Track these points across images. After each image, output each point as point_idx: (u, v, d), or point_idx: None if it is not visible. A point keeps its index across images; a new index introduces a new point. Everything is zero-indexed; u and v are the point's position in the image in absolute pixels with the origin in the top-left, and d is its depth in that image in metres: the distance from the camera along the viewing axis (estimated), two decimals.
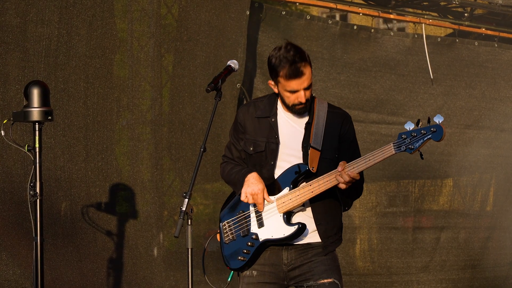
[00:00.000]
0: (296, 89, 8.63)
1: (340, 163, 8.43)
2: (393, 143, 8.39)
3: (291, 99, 8.67)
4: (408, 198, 14.27)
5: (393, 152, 8.41)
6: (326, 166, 8.60)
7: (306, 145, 8.79)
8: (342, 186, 8.42)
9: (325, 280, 8.70)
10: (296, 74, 8.59)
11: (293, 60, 8.64)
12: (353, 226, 13.18)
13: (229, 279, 9.06)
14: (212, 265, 9.72)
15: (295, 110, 8.73)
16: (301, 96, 8.59)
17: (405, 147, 8.37)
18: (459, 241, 14.52)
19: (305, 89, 8.60)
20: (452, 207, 14.73)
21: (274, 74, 8.70)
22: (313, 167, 8.61)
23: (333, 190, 8.66)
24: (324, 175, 8.51)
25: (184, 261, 9.00)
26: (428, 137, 8.34)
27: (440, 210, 14.62)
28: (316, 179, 8.55)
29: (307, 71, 8.61)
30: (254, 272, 8.83)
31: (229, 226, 8.98)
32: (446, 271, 14.13)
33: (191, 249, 8.86)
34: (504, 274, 13.46)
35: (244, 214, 8.86)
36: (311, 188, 8.56)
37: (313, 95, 8.91)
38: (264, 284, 8.81)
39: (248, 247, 8.80)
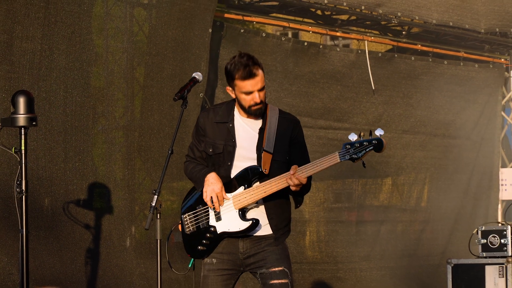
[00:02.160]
0: (251, 90, 8.87)
1: (292, 167, 8.44)
2: (339, 153, 8.31)
3: (247, 100, 8.84)
4: (352, 195, 14.38)
5: (338, 160, 8.37)
6: (278, 167, 8.65)
7: (259, 148, 8.79)
8: (293, 188, 8.62)
9: (276, 268, 8.74)
10: (250, 75, 8.83)
11: (247, 64, 8.88)
12: (303, 219, 13.18)
13: (189, 266, 9.21)
14: (178, 254, 9.80)
15: (252, 111, 8.83)
16: (256, 97, 8.75)
17: (349, 156, 8.33)
18: (396, 233, 14.57)
19: (259, 90, 8.76)
20: (391, 203, 14.87)
21: (230, 79, 8.95)
22: (265, 169, 8.65)
23: (283, 189, 8.93)
24: (276, 177, 8.56)
25: (153, 250, 9.29)
26: (370, 148, 8.39)
27: (380, 205, 14.75)
28: (269, 180, 8.56)
29: (259, 73, 8.68)
30: (214, 260, 8.79)
31: (190, 219, 8.95)
32: (385, 259, 14.19)
33: (160, 240, 9.12)
34: (436, 263, 13.58)
35: (204, 209, 8.87)
36: (264, 188, 8.66)
37: (267, 102, 9.42)
38: (223, 270, 8.79)
39: (207, 238, 8.93)
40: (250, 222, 8.75)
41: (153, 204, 8.92)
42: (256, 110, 8.75)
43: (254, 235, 8.87)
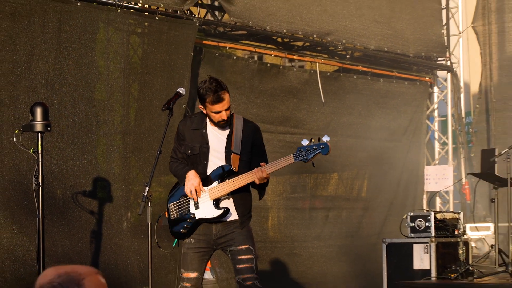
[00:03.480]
0: (219, 111, 9.08)
1: (261, 164, 8.88)
2: (293, 155, 8.86)
3: (216, 117, 9.01)
4: (306, 187, 14.32)
5: (293, 161, 8.84)
6: (243, 166, 9.03)
7: (228, 151, 9.09)
8: (257, 181, 8.86)
9: (243, 246, 8.98)
10: (218, 100, 8.99)
11: (216, 90, 8.97)
12: (266, 207, 13.02)
13: (174, 245, 9.33)
14: (165, 235, 9.72)
15: (220, 125, 9.01)
16: (223, 115, 8.92)
17: (301, 158, 8.85)
18: (342, 218, 14.56)
19: (226, 110, 9.13)
20: (337, 193, 14.82)
21: (202, 101, 9.06)
22: (235, 167, 9.01)
23: (247, 184, 9.09)
24: (244, 174, 8.91)
25: (145, 232, 9.10)
26: (318, 152, 8.80)
27: (328, 195, 14.69)
28: (237, 176, 8.94)
29: (226, 97, 8.89)
30: (192, 240, 9.06)
31: (174, 207, 9.21)
32: (332, 239, 14.08)
33: (150, 223, 9.13)
34: (373, 242, 13.51)
35: (186, 199, 9.14)
36: (234, 183, 8.92)
37: (233, 113, 9.45)
38: (199, 248, 9.07)
39: (187, 223, 9.05)
40: (223, 210, 9.08)
41: (145, 194, 9.14)
42: (223, 125, 9.18)
43: (225, 220, 9.13)
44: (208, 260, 9.38)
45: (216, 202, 9.11)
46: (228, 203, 9.14)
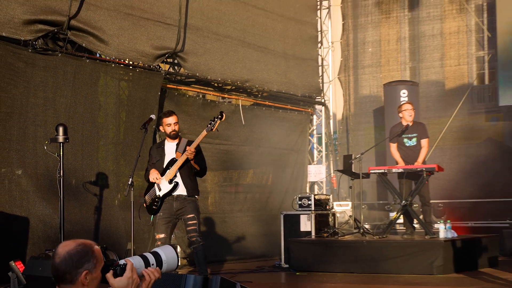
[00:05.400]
0: (170, 123, 9.26)
1: (187, 147, 9.02)
2: (205, 129, 8.93)
3: (168, 129, 9.26)
4: (232, 178, 14.23)
5: (206, 133, 8.96)
6: (184, 162, 9.06)
7: (174, 151, 9.22)
8: (189, 156, 8.95)
9: (190, 215, 9.14)
10: (170, 114, 9.30)
11: (168, 112, 9.41)
12: (207, 191, 12.93)
13: (151, 219, 9.46)
14: (145, 214, 9.89)
15: (171, 135, 9.25)
16: (173, 127, 9.24)
17: (209, 129, 8.88)
18: (255, 198, 14.53)
19: (175, 123, 9.23)
20: (252, 182, 14.74)
21: (161, 121, 9.37)
22: (177, 158, 9.10)
23: (191, 170, 9.25)
24: (183, 154, 9.02)
25: (129, 207, 9.12)
26: (217, 120, 8.84)
27: (246, 184, 14.60)
28: (179, 159, 9.05)
29: (174, 116, 9.30)
30: (161, 213, 9.21)
31: (148, 196, 9.34)
32: (249, 211, 14.13)
33: (133, 202, 9.24)
34: (275, 213, 13.06)
35: (153, 188, 9.26)
36: (177, 164, 9.05)
37: (180, 134, 9.49)
38: (165, 218, 9.17)
39: (156, 202, 9.18)
40: (174, 183, 9.21)
41: (129, 183, 9.24)
42: (173, 135, 9.35)
43: (179, 195, 9.26)
44: (173, 228, 9.40)
45: (170, 181, 9.18)
46: (178, 180, 9.20)
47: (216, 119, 8.93)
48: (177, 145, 9.30)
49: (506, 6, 15.69)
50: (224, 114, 9.02)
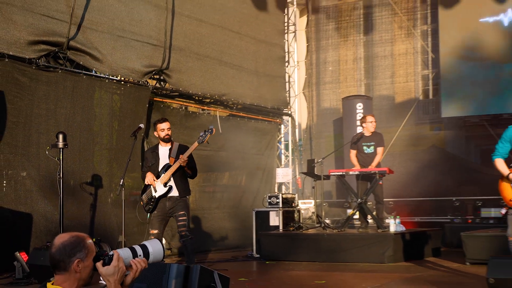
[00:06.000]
0: (163, 128, 9.22)
1: (180, 156, 8.87)
2: (197, 141, 8.90)
3: (162, 134, 9.20)
4: (211, 179, 14.17)
5: (197, 144, 8.91)
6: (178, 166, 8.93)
7: (168, 156, 9.12)
8: (182, 164, 8.89)
9: (180, 212, 9.05)
10: (163, 121, 9.24)
11: (162, 118, 9.34)
12: (193, 190, 13.35)
13: (148, 216, 9.41)
14: (143, 213, 9.86)
15: (165, 139, 9.20)
16: (166, 132, 9.18)
17: (201, 141, 8.85)
18: (231, 197, 14.41)
19: (168, 129, 9.20)
20: (228, 183, 14.63)
21: (155, 127, 9.29)
22: (171, 163, 8.99)
23: (183, 174, 9.17)
24: (177, 161, 8.92)
25: (121, 204, 9.10)
26: (208, 134, 8.87)
27: (223, 184, 14.56)
28: (173, 165, 8.94)
29: (167, 122, 9.24)
30: (156, 212, 9.11)
31: (144, 195, 9.22)
32: (226, 208, 14.09)
33: (124, 200, 9.22)
34: (248, 210, 12.93)
35: (149, 188, 9.13)
36: (171, 170, 8.94)
37: (172, 139, 9.45)
38: (160, 216, 9.09)
39: (152, 202, 9.07)
40: (168, 187, 9.03)
41: (121, 183, 9.20)
42: (166, 139, 9.18)
43: (172, 196, 9.10)
44: (165, 224, 9.30)
45: (164, 184, 9.08)
46: (171, 183, 9.11)
47: (207, 133, 8.95)
48: (170, 149, 9.24)
49: (447, 32, 15.85)
50: (214, 130, 9.06)
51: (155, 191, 9.12)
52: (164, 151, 9.27)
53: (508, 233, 7.29)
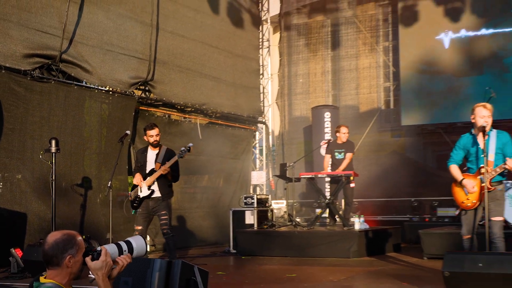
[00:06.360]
0: (153, 134, 9.21)
1: (165, 164, 8.93)
2: (177, 155, 8.96)
3: (151, 140, 9.21)
4: (191, 181, 14.04)
5: (177, 158, 8.98)
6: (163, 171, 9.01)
7: (155, 161, 9.16)
8: (163, 172, 8.93)
9: (162, 212, 9.10)
10: (152, 127, 9.22)
11: (152, 125, 9.30)
12: (176, 191, 13.30)
13: (133, 213, 9.40)
14: (129, 209, 9.83)
15: (154, 144, 9.22)
16: (155, 138, 9.17)
17: (181, 155, 8.90)
18: (209, 197, 14.35)
19: (157, 135, 9.18)
20: (207, 185, 14.52)
21: (145, 133, 9.27)
22: (156, 169, 9.01)
23: (166, 179, 9.15)
24: (159, 169, 8.97)
25: (108, 204, 9.10)
26: (186, 151, 8.88)
27: (202, 186, 14.47)
28: (156, 172, 8.97)
29: (157, 129, 9.21)
30: (140, 210, 9.16)
31: (132, 193, 9.26)
32: (205, 208, 14.04)
33: (111, 200, 9.21)
34: (226, 209, 13.03)
35: (136, 188, 9.17)
36: (155, 175, 8.98)
37: (161, 144, 9.45)
38: (144, 214, 9.14)
39: (138, 201, 9.11)
40: (151, 190, 9.05)
41: (109, 185, 9.24)
42: (155, 144, 9.17)
43: (155, 197, 9.13)
44: (149, 222, 9.32)
45: (149, 187, 9.12)
46: (155, 187, 9.13)
47: (185, 151, 8.98)
48: (157, 154, 9.25)
49: (406, 48, 15.98)
50: (191, 149, 9.06)
51: (141, 191, 9.16)
52: (152, 154, 9.30)
53: (462, 232, 7.39)
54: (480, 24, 15.02)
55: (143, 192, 9.16)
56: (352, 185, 11.84)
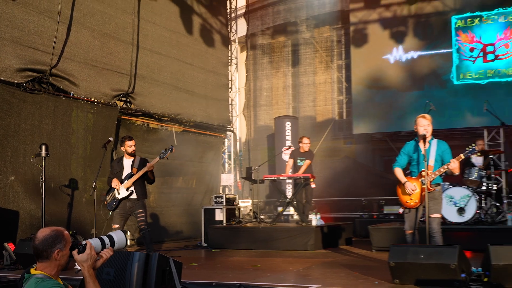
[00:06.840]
0: (131, 145, 9.07)
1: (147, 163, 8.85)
2: (159, 156, 8.79)
3: (129, 150, 9.03)
4: (167, 183, 13.93)
5: (158, 159, 8.79)
6: (140, 176, 8.86)
7: (131, 167, 8.98)
8: (149, 169, 8.80)
9: (139, 210, 8.93)
10: (130, 139, 9.05)
11: (129, 137, 9.15)
12: (149, 191, 12.27)
13: (110, 214, 9.28)
14: (106, 209, 9.74)
15: (130, 153, 9.09)
16: (132, 148, 9.03)
17: (162, 156, 8.71)
18: (183, 197, 14.20)
19: (134, 145, 9.07)
20: (182, 186, 14.42)
21: (123, 143, 9.12)
22: (133, 172, 8.88)
23: (142, 182, 9.02)
24: (139, 171, 8.86)
25: (93, 203, 9.05)
26: (168, 152, 8.71)
27: (177, 186, 14.36)
28: (136, 173, 8.84)
29: (133, 140, 9.03)
30: (117, 210, 8.94)
31: (108, 196, 9.05)
32: (181, 206, 13.93)
33: (95, 199, 9.10)
34: (198, 207, 12.87)
35: (114, 191, 8.96)
36: (134, 177, 8.82)
37: (136, 154, 9.36)
38: (121, 213, 8.93)
39: (115, 202, 8.95)
40: (129, 191, 8.85)
41: (93, 186, 9.14)
42: (132, 153, 8.97)
43: (132, 198, 8.95)
44: (126, 220, 9.17)
45: (127, 189, 8.94)
46: (132, 188, 8.97)
47: (167, 151, 8.84)
48: (133, 162, 9.13)
49: (357, 66, 16.17)
50: (174, 149, 8.91)
51: (119, 193, 9.02)
52: (128, 162, 9.16)
53: (405, 228, 7.49)
54: (421, 46, 15.34)
55: (122, 194, 9.04)
56: (313, 186, 11.97)
